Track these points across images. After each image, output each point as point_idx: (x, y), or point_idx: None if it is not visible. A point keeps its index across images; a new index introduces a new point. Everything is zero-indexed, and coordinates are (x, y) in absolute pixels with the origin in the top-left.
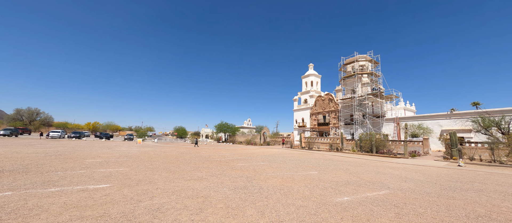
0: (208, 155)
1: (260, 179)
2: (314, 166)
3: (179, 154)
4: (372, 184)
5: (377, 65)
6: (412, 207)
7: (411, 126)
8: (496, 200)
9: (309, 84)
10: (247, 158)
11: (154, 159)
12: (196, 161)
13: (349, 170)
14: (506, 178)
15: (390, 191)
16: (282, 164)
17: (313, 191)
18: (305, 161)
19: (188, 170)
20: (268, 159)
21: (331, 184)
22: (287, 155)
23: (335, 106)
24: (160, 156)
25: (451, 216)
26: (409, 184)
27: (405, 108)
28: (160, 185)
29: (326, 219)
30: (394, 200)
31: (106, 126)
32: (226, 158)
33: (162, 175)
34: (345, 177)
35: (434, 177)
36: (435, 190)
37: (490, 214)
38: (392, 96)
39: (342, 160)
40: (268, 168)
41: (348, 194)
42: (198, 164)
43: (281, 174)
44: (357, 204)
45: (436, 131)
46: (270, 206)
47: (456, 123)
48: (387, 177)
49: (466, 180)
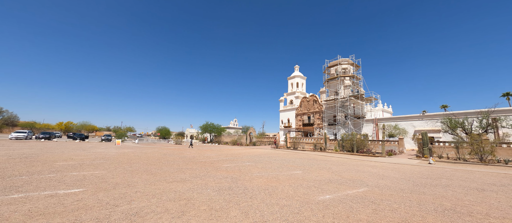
0: (192, 156)
1: (245, 179)
2: (298, 166)
3: (161, 155)
4: (352, 182)
5: (358, 69)
6: (388, 203)
7: (388, 127)
8: (460, 194)
9: (295, 86)
10: (232, 158)
11: (134, 161)
12: (180, 162)
13: (332, 169)
14: (468, 174)
15: (369, 189)
16: (268, 164)
17: (297, 190)
18: (290, 161)
19: (171, 172)
20: (254, 160)
21: (314, 183)
22: (272, 155)
23: (319, 108)
24: (141, 157)
25: (422, 210)
26: (386, 181)
27: (383, 110)
28: (139, 188)
29: (309, 217)
30: (372, 196)
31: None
32: (211, 159)
33: (142, 177)
34: (328, 176)
35: (408, 174)
36: (408, 186)
37: (455, 207)
38: (372, 98)
39: (326, 159)
40: (254, 168)
41: (330, 192)
42: (181, 166)
43: (266, 174)
44: (338, 202)
45: (410, 131)
46: (254, 206)
47: (427, 124)
48: (366, 175)
49: (435, 176)
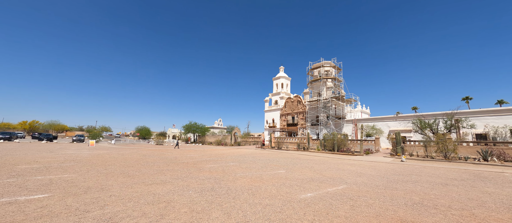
0: (174, 156)
1: (228, 180)
2: (282, 165)
3: (140, 156)
4: (332, 180)
5: (340, 72)
6: (364, 199)
7: (366, 127)
8: (427, 189)
9: (280, 86)
10: (216, 158)
11: (109, 162)
12: (160, 163)
13: (314, 167)
14: (435, 170)
15: (347, 186)
16: (252, 164)
17: (280, 189)
18: (274, 160)
19: (150, 174)
20: (238, 160)
21: (296, 182)
22: (257, 155)
23: (303, 108)
24: (118, 159)
25: (394, 204)
26: (363, 178)
27: (362, 111)
28: (114, 191)
29: (290, 215)
30: (350, 193)
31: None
32: (194, 160)
33: (118, 180)
34: (310, 174)
35: (382, 172)
36: (383, 183)
37: (422, 201)
38: (352, 100)
39: (308, 158)
40: (238, 168)
41: (312, 190)
42: (162, 167)
43: (250, 174)
44: (319, 200)
45: (385, 131)
46: (237, 206)
47: (400, 124)
48: (346, 173)
49: (406, 173)
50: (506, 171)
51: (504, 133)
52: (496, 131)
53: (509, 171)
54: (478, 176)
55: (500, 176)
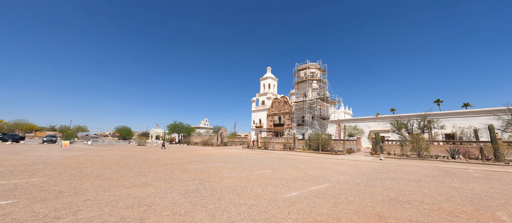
0: (157, 157)
1: (214, 180)
2: (268, 165)
3: (120, 157)
4: (316, 178)
5: (324, 74)
6: (346, 197)
7: (349, 127)
8: (402, 185)
9: (267, 87)
10: (202, 159)
11: (85, 165)
12: (142, 165)
13: (299, 167)
14: (409, 168)
15: (330, 184)
16: (238, 164)
17: (265, 189)
18: (260, 160)
19: (130, 176)
20: (224, 160)
21: (282, 181)
22: (243, 155)
23: (289, 109)
24: (94, 161)
25: (372, 201)
26: (345, 176)
27: (345, 112)
28: (90, 195)
29: (275, 215)
30: (333, 191)
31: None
32: (178, 160)
33: (95, 183)
34: (295, 173)
35: (363, 170)
36: (363, 181)
37: (398, 197)
38: (336, 101)
39: (294, 158)
40: (224, 169)
41: (296, 189)
42: (143, 169)
43: (236, 174)
44: (303, 198)
45: (366, 131)
46: (222, 208)
47: (379, 125)
48: (329, 172)
49: (384, 171)
50: (470, 167)
51: (469, 133)
52: (462, 131)
53: (472, 167)
54: (447, 172)
55: (465, 172)
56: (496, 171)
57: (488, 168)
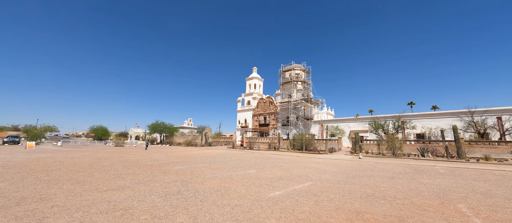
0: (136, 159)
1: (197, 182)
2: (253, 165)
3: (95, 159)
4: (299, 177)
5: (309, 75)
6: (327, 194)
7: (331, 127)
8: (378, 182)
9: (253, 87)
10: (185, 160)
11: (53, 167)
12: (119, 167)
13: (283, 166)
14: (385, 166)
15: (313, 183)
16: (223, 164)
17: (249, 189)
18: (245, 160)
19: (106, 179)
20: (208, 160)
21: (266, 181)
22: (228, 155)
23: (274, 109)
24: (64, 163)
25: (351, 197)
26: (326, 175)
27: (327, 112)
28: (58, 201)
29: (258, 214)
30: (315, 190)
31: None
32: (160, 162)
33: (64, 187)
34: (279, 173)
35: (343, 168)
36: (343, 179)
37: (374, 193)
38: (319, 102)
39: (278, 158)
40: (207, 169)
41: (280, 188)
42: (121, 171)
43: (220, 175)
44: (286, 197)
45: (347, 131)
46: (204, 209)
47: (359, 125)
48: (312, 171)
49: (363, 169)
50: (437, 164)
51: (436, 132)
52: (431, 131)
53: (439, 164)
54: (417, 169)
55: (433, 169)
56: (459, 167)
57: (452, 165)
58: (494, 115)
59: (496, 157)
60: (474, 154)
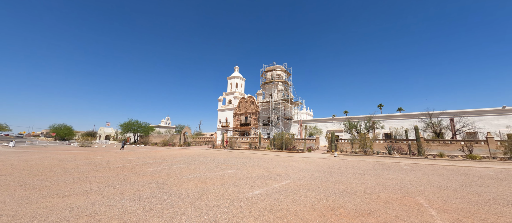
0: (106, 160)
1: (173, 183)
2: (233, 165)
3: (55, 162)
4: (279, 176)
5: (289, 76)
6: (304, 192)
7: (309, 127)
8: (351, 179)
9: (234, 86)
10: (161, 161)
11: (2, 171)
12: (85, 169)
13: (263, 165)
14: (357, 163)
15: (291, 181)
16: (202, 164)
17: (228, 189)
18: (225, 160)
19: (69, 183)
20: (186, 161)
21: (246, 180)
22: (208, 155)
23: (256, 109)
24: (18, 166)
25: (326, 194)
26: (304, 173)
27: (306, 113)
28: (7, 210)
29: (237, 214)
30: (293, 187)
31: None
32: (133, 163)
33: (16, 194)
34: (259, 172)
35: (319, 166)
36: (319, 176)
37: (346, 189)
38: (299, 102)
39: (259, 157)
40: (185, 170)
41: (259, 187)
42: (87, 174)
43: (199, 176)
44: (265, 196)
45: (324, 131)
46: (180, 212)
47: (335, 125)
48: (290, 169)
49: (337, 166)
50: (401, 161)
51: (401, 132)
52: (396, 131)
53: (403, 161)
54: (384, 166)
55: (397, 165)
56: (419, 163)
57: (414, 161)
58: (448, 117)
59: (449, 154)
60: (431, 151)
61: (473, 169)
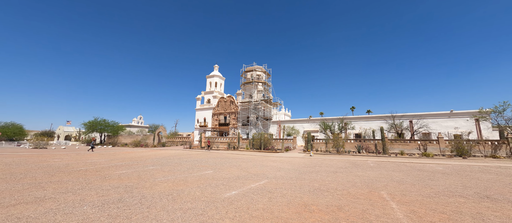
0: (65, 163)
1: (144, 186)
2: (210, 165)
3: (1, 165)
4: (256, 176)
5: (269, 77)
6: (280, 191)
7: (287, 128)
8: (324, 177)
9: (214, 85)
10: (132, 163)
11: None
12: (39, 174)
13: (241, 166)
14: (330, 162)
15: (268, 180)
16: (177, 166)
17: (204, 191)
18: (202, 161)
19: (16, 190)
20: (160, 162)
21: (223, 181)
22: (184, 156)
23: (235, 108)
24: None
25: (301, 192)
26: (281, 172)
27: (285, 113)
28: None
29: (212, 216)
30: (270, 187)
31: None
32: (98, 166)
33: None
34: (237, 172)
35: (296, 165)
36: (295, 175)
37: (320, 187)
38: (278, 103)
39: (237, 157)
40: (159, 172)
41: (237, 188)
42: (41, 179)
43: (173, 178)
44: (242, 196)
45: (301, 131)
46: (151, 216)
47: (311, 126)
48: (268, 169)
49: (312, 165)
50: (369, 159)
51: (369, 132)
52: (365, 132)
53: (370, 159)
54: (354, 164)
55: (365, 163)
56: (383, 161)
57: (379, 159)
58: (408, 119)
59: (408, 152)
60: (394, 150)
61: (427, 165)
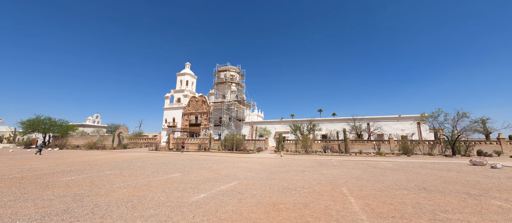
0: None
1: (98, 194)
2: (178, 168)
3: None
4: (227, 177)
5: (243, 78)
6: (250, 191)
7: (260, 129)
8: (293, 176)
9: (185, 83)
10: (84, 167)
11: None
12: None
13: (212, 167)
14: (299, 161)
15: (239, 181)
16: (140, 170)
17: (170, 195)
18: (169, 163)
19: None
20: (120, 166)
21: (191, 184)
22: (149, 159)
23: (207, 109)
24: None
25: (270, 191)
26: (252, 173)
27: (258, 114)
28: None
29: (178, 221)
30: (240, 188)
31: None
32: (39, 172)
33: None
34: (207, 174)
35: (267, 165)
36: (266, 175)
37: (289, 186)
38: (251, 104)
39: (208, 158)
40: (117, 177)
41: (205, 190)
42: None
43: (134, 183)
44: (211, 199)
45: (273, 132)
46: None
47: (283, 127)
48: (239, 170)
49: (283, 165)
50: (333, 158)
51: (334, 134)
52: (331, 133)
53: (334, 158)
54: (320, 163)
55: (330, 161)
56: (345, 159)
57: (342, 158)
58: (366, 122)
59: (365, 151)
60: (354, 149)
61: (380, 163)
